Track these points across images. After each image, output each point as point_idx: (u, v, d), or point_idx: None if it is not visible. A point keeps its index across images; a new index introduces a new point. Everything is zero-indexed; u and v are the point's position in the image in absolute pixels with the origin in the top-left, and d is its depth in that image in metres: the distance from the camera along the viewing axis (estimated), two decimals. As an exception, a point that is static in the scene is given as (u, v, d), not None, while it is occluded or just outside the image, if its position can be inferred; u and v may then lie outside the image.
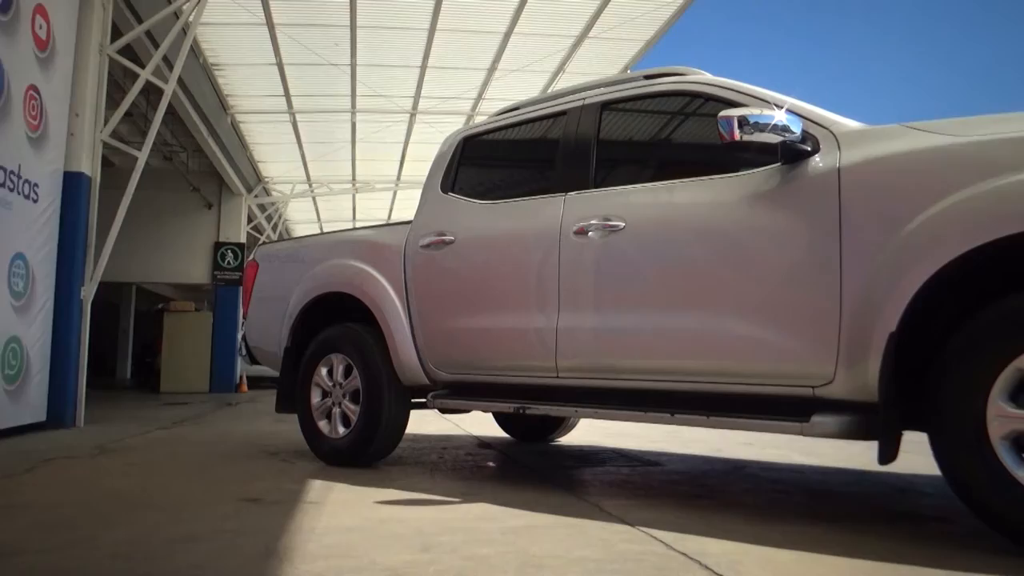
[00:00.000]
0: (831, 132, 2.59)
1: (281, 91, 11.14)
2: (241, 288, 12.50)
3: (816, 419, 2.40)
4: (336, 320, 4.16)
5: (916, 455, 2.60)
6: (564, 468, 3.99)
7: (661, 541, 2.27)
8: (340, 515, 2.71)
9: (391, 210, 18.22)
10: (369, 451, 3.84)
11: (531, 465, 4.14)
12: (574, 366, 3.11)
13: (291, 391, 4.25)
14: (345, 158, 14.41)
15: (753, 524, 2.54)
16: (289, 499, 2.99)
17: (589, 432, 5.66)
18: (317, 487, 3.30)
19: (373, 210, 18.37)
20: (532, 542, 2.28)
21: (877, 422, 2.29)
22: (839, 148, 2.53)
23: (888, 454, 2.28)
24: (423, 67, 10.50)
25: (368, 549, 2.21)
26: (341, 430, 3.96)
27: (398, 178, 15.55)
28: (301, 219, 19.77)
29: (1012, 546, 2.07)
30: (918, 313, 2.25)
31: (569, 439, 5.29)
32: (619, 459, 4.32)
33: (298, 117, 12.20)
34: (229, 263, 14.31)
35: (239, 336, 13.16)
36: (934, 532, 2.47)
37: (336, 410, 4.01)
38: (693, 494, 3.20)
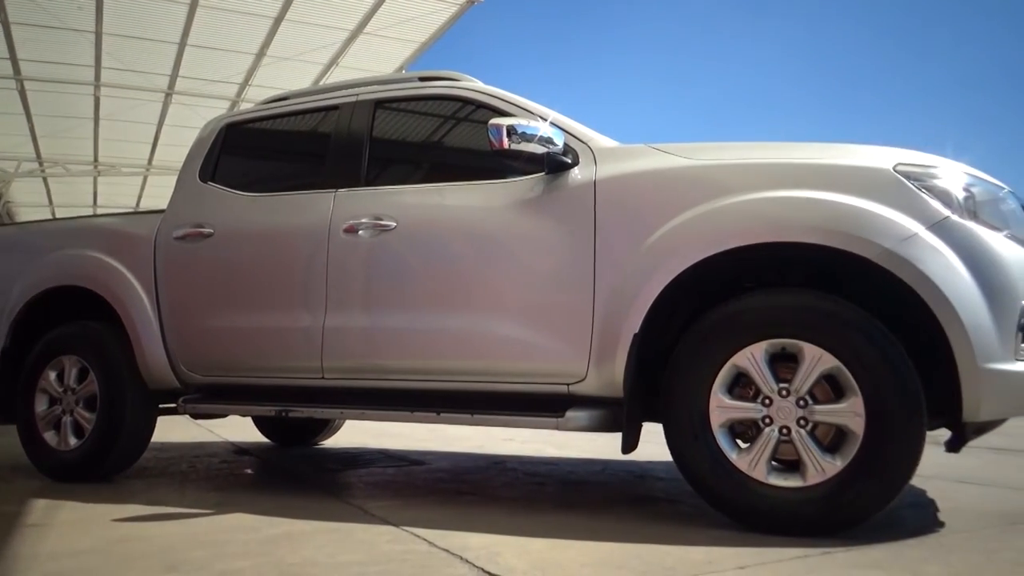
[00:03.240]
0: (589, 147, 2.79)
1: (6, 53, 9.68)
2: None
3: (570, 414, 2.58)
4: (69, 318, 3.71)
5: (652, 444, 2.90)
6: (327, 471, 3.90)
7: (424, 539, 2.30)
8: (69, 537, 2.41)
9: (140, 197, 16.61)
10: (106, 464, 3.47)
11: (292, 470, 3.99)
12: (341, 367, 3.05)
13: (10, 398, 3.71)
14: (86, 136, 12.89)
15: (512, 516, 2.67)
16: (3, 523, 2.60)
17: (355, 433, 5.57)
18: (41, 507, 2.91)
19: (119, 196, 16.63)
20: (292, 550, 2.20)
21: (622, 415, 2.51)
22: (595, 163, 2.74)
23: (630, 444, 2.52)
24: (182, 44, 9.72)
25: (103, 573, 1.99)
26: (72, 441, 3.53)
27: (149, 163, 14.20)
28: (28, 202, 17.34)
29: (729, 521, 2.38)
30: (659, 315, 2.51)
31: (334, 441, 5.17)
32: (384, 459, 4.31)
33: (27, 85, 10.69)
34: (-70, 249, 12.12)
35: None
36: (666, 512, 2.76)
37: (67, 419, 3.57)
38: (456, 491, 3.28)
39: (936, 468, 3.53)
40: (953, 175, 2.39)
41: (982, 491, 3.16)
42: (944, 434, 2.44)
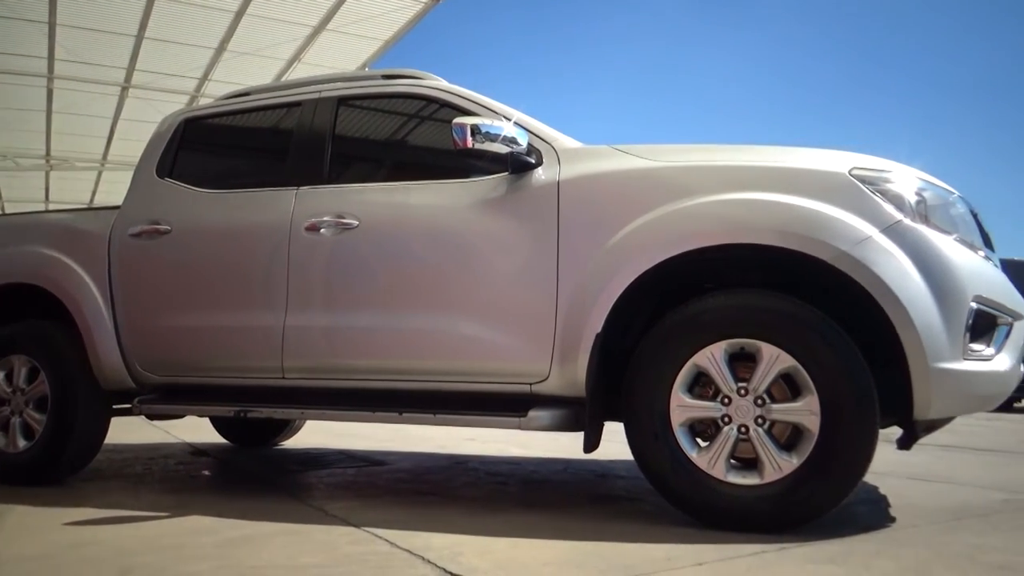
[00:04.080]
0: (553, 148, 2.81)
1: (-48, 42, 9.39)
2: None
3: (533, 414, 2.59)
4: (18, 316, 3.61)
5: (614, 443, 2.92)
6: (287, 473, 3.85)
7: (386, 540, 2.29)
8: (18, 542, 2.35)
9: (94, 193, 16.20)
10: (58, 466, 3.38)
11: (252, 472, 3.94)
12: (301, 366, 3.01)
13: (-45, 399, 3.60)
14: (37, 129, 12.54)
15: (474, 516, 2.66)
16: (-52, 527, 2.52)
17: (316, 434, 5.52)
18: (-12, 511, 2.82)
19: (72, 192, 16.20)
20: (251, 553, 2.17)
21: (584, 415, 2.53)
22: (559, 163, 2.75)
23: (592, 443, 2.53)
24: (140, 36, 9.51)
25: (53, 577, 1.94)
26: (22, 443, 3.43)
27: (104, 158, 13.86)
28: (-24, 196, 16.80)
29: (689, 519, 2.41)
30: (621, 315, 2.53)
31: (294, 442, 5.11)
32: (345, 460, 4.27)
33: (-25, 76, 10.37)
34: None
35: None
36: (627, 510, 2.79)
37: (16, 420, 3.47)
38: (418, 491, 3.26)
39: (888, 465, 3.62)
40: (906, 180, 2.46)
41: (931, 487, 3.26)
42: (896, 432, 2.51)
